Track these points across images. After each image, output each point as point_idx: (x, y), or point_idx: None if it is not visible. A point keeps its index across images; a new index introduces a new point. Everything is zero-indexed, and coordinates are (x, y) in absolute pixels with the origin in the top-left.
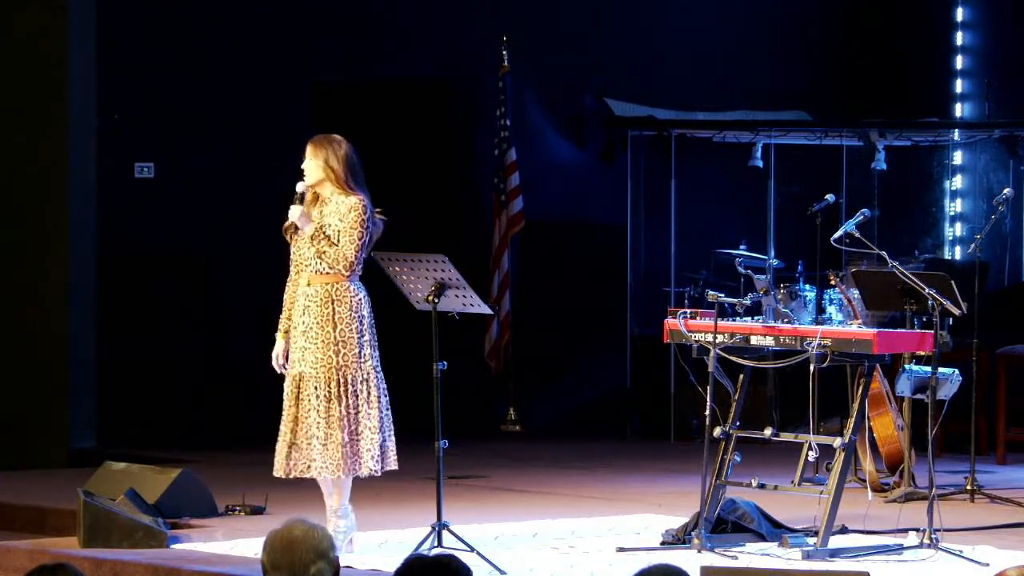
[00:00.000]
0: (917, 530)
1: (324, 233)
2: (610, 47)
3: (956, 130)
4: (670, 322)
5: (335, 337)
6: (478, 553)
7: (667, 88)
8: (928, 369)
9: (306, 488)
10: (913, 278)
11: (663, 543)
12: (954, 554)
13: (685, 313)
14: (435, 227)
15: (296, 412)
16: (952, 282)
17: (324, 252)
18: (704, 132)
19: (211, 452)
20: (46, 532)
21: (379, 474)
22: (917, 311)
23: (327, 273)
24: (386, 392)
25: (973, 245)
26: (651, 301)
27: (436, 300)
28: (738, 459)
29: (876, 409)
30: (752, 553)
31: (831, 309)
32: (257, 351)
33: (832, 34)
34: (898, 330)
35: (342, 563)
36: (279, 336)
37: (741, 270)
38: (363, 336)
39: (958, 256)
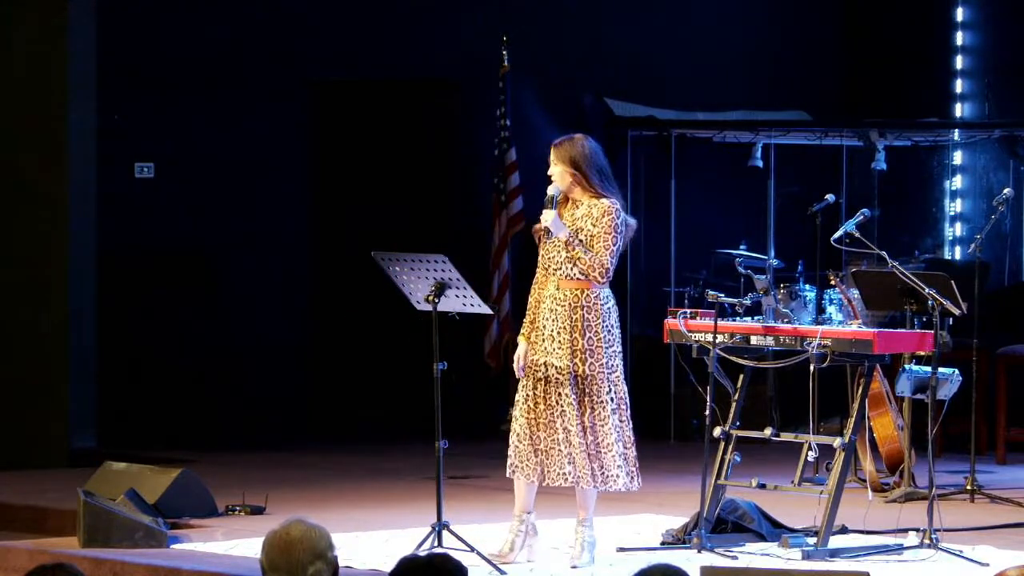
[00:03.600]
0: (917, 530)
1: (579, 239)
2: (610, 47)
3: (956, 130)
4: (670, 322)
5: (583, 345)
6: (478, 553)
7: (667, 88)
8: (928, 369)
9: (306, 488)
10: (913, 278)
11: (663, 543)
12: (954, 554)
13: (685, 313)
14: (435, 227)
15: (545, 417)
16: (952, 282)
17: (579, 258)
18: (704, 132)
19: (211, 452)
20: (46, 532)
21: (635, 490)
22: (917, 311)
23: (578, 279)
24: (628, 404)
25: (973, 245)
26: (651, 301)
27: (436, 300)
28: (738, 459)
29: (876, 409)
30: (752, 553)
31: (831, 309)
32: (257, 351)
33: (832, 34)
34: (898, 330)
35: (587, 572)
36: (521, 339)
37: (741, 270)
38: (611, 346)
39: (958, 256)
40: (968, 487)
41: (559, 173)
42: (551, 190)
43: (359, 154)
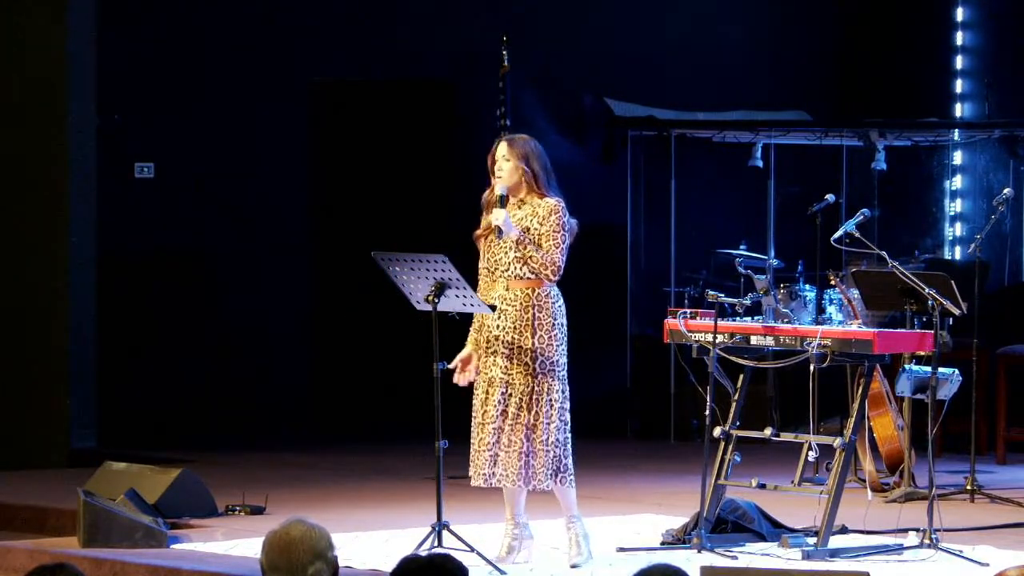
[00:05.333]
0: (917, 530)
1: (529, 237)
2: (610, 47)
3: (956, 130)
4: (670, 322)
5: (533, 343)
6: (478, 553)
7: (667, 88)
8: (928, 369)
9: (306, 488)
10: (913, 278)
11: (663, 543)
12: (954, 554)
13: (685, 313)
14: (435, 227)
15: (492, 418)
16: (952, 282)
17: (531, 257)
18: (704, 132)
19: (211, 452)
20: (46, 532)
21: (549, 489)
22: (917, 311)
23: (527, 278)
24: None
25: (973, 245)
26: (651, 301)
27: (436, 300)
28: (738, 459)
29: (876, 409)
30: (752, 553)
31: (831, 309)
32: (257, 351)
33: (832, 34)
34: (898, 330)
35: (587, 572)
36: (469, 344)
37: (741, 270)
38: (560, 344)
39: (958, 256)
40: (968, 487)
41: (511, 169)
42: (499, 189)
43: (359, 154)
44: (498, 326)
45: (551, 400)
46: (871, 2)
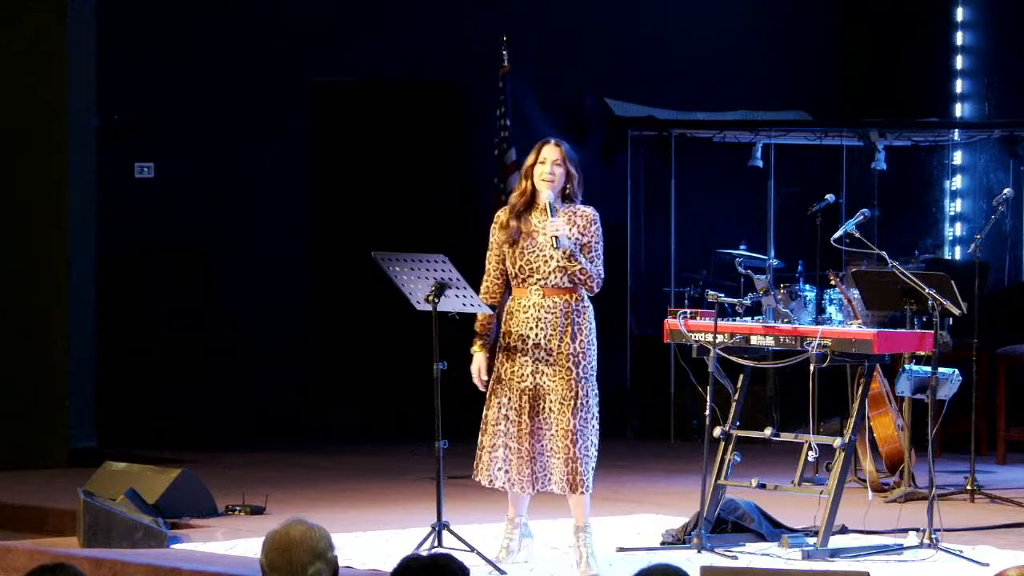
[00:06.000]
0: (917, 530)
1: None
2: (610, 47)
3: (956, 130)
4: (670, 322)
5: (575, 349)
6: (478, 553)
7: (667, 88)
8: (928, 369)
9: (306, 488)
10: (913, 278)
11: (663, 543)
12: (954, 554)
13: (685, 313)
14: (435, 227)
15: (530, 426)
16: (952, 282)
17: (582, 270)
18: (704, 132)
19: (211, 452)
20: (46, 532)
21: (591, 494)
22: (917, 311)
23: (565, 287)
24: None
25: (973, 245)
26: (651, 301)
27: (436, 300)
28: (738, 459)
29: (876, 409)
30: (752, 553)
31: (831, 309)
32: (257, 351)
33: (832, 34)
34: (898, 330)
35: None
36: (479, 351)
37: (741, 270)
38: (594, 350)
39: (958, 256)
40: (968, 487)
41: (561, 175)
42: (549, 197)
43: (359, 154)
44: (535, 334)
45: (590, 406)
46: (871, 2)
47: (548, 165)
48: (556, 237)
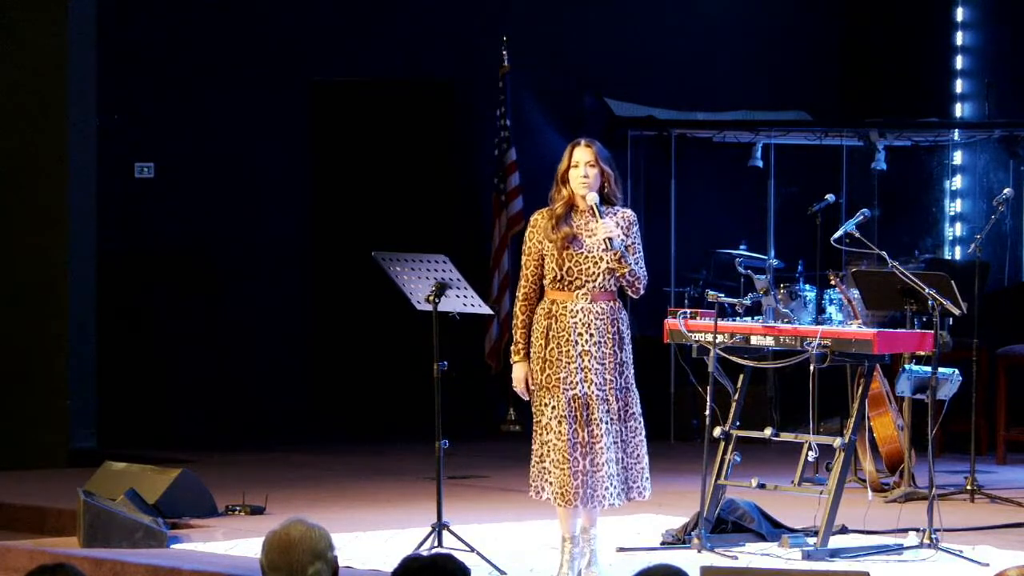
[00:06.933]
0: (917, 530)
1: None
2: (610, 47)
3: (956, 130)
4: (670, 322)
5: (621, 358)
6: (478, 553)
7: (667, 88)
8: (928, 369)
9: (306, 488)
10: (913, 278)
11: (663, 543)
12: (954, 554)
13: (685, 313)
14: (435, 227)
15: (585, 437)
16: (952, 282)
17: (631, 271)
18: (704, 132)
19: (211, 452)
20: (46, 532)
21: (647, 499)
22: (917, 311)
23: (611, 291)
24: None
25: (973, 245)
26: (651, 301)
27: (436, 300)
28: (738, 459)
29: (876, 409)
30: (752, 553)
31: (831, 309)
32: (257, 351)
33: (832, 34)
34: (898, 330)
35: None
36: (519, 361)
37: (741, 270)
38: (632, 356)
39: (958, 256)
40: (968, 487)
41: (596, 175)
42: (593, 199)
43: (359, 154)
44: (585, 340)
45: (637, 413)
46: (871, 2)
47: (582, 168)
48: (610, 239)
